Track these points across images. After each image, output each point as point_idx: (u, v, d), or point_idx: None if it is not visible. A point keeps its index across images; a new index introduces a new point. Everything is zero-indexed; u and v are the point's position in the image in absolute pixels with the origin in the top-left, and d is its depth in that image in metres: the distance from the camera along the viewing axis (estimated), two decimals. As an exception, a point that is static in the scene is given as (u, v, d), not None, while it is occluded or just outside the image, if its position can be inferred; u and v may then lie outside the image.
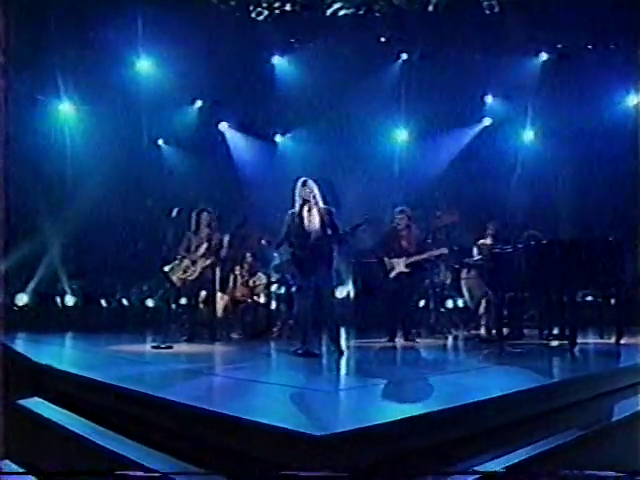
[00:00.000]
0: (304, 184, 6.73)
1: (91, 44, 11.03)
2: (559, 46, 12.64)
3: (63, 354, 7.65)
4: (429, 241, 9.41)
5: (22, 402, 4.84)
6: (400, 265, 8.46)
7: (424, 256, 8.48)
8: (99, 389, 4.42)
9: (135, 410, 3.99)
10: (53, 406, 4.70)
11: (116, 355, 6.92)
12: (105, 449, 3.65)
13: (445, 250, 8.64)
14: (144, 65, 12.05)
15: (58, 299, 11.81)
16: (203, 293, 8.94)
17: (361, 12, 12.24)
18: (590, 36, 11.96)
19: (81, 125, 11.90)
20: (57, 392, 4.91)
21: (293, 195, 6.75)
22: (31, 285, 11.42)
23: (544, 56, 12.90)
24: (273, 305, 10.20)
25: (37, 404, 4.81)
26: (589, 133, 12.17)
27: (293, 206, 6.77)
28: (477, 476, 3.12)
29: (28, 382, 5.09)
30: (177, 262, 8.62)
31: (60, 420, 4.31)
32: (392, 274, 8.49)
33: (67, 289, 11.89)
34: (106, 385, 4.37)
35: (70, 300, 11.90)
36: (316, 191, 6.74)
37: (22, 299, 11.32)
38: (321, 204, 6.73)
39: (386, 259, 8.57)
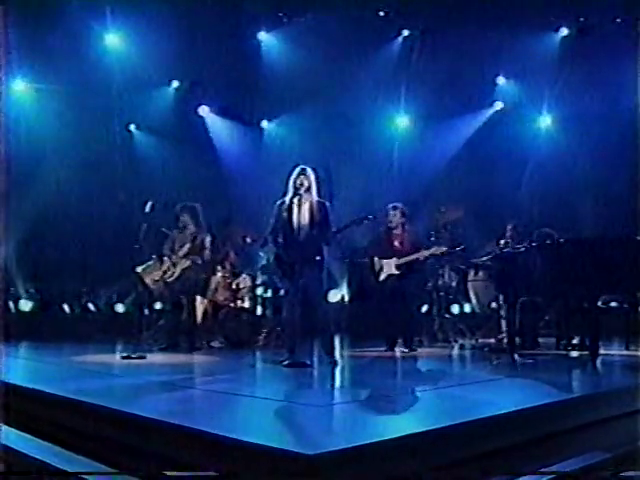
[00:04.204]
0: (300, 173, 6.69)
1: (51, 14, 10.86)
2: (582, 19, 12.48)
3: (15, 366, 7.53)
4: (433, 239, 9.42)
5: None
6: (391, 267, 8.45)
7: (414, 256, 8.46)
8: (57, 404, 4.36)
9: (99, 428, 3.94)
10: (3, 426, 4.63)
11: (80, 367, 6.87)
12: (68, 474, 3.60)
13: (442, 249, 8.61)
14: (113, 40, 11.91)
15: (11, 304, 11.65)
16: (181, 297, 8.89)
17: (358, -18, 12.18)
18: (619, 7, 11.57)
19: (38, 107, 11.68)
20: (7, 409, 4.84)
21: (287, 183, 6.72)
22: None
23: (564, 31, 12.78)
24: (259, 310, 10.17)
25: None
26: (614, 119, 12.09)
27: (284, 195, 6.73)
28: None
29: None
30: (151, 262, 8.58)
31: (11, 442, 4.24)
32: (381, 276, 8.49)
33: (22, 292, 11.77)
34: (65, 400, 4.31)
35: (25, 305, 11.77)
36: (312, 182, 6.70)
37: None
38: (315, 197, 6.69)
39: (376, 260, 8.57)
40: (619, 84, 11.82)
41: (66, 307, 12.18)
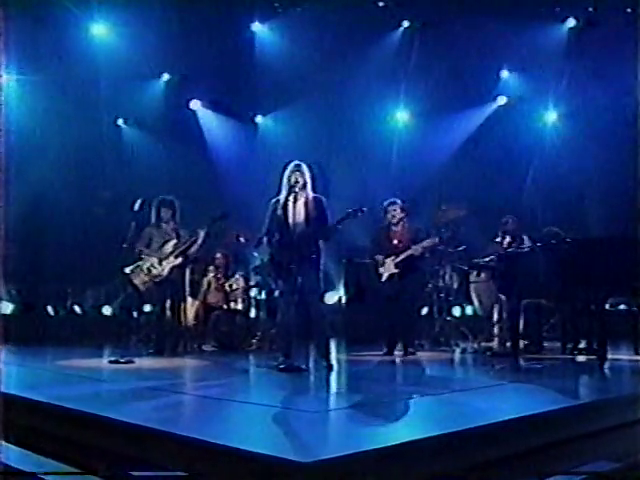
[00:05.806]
0: (295, 169, 6.69)
1: (34, 2, 10.78)
2: (590, 10, 12.42)
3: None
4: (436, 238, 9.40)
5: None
6: (390, 266, 8.47)
7: (408, 252, 8.47)
8: (40, 411, 4.34)
9: (86, 436, 3.93)
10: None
11: (65, 372, 6.85)
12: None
13: (435, 240, 8.63)
14: (101, 30, 11.90)
15: None
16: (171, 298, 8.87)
17: (356, -29, 12.15)
18: None
19: (21, 99, 11.49)
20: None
21: (281, 180, 6.72)
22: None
23: (571, 22, 12.69)
24: (252, 312, 10.16)
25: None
26: (622, 114, 12.03)
27: (278, 193, 6.73)
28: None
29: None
30: (140, 262, 8.56)
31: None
32: (384, 277, 8.50)
33: (3, 294, 11.71)
34: (50, 406, 4.30)
35: (7, 307, 11.70)
36: (307, 178, 6.71)
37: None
38: (310, 193, 6.70)
39: (378, 258, 8.57)
40: (629, 78, 11.77)
41: (50, 309, 12.13)
